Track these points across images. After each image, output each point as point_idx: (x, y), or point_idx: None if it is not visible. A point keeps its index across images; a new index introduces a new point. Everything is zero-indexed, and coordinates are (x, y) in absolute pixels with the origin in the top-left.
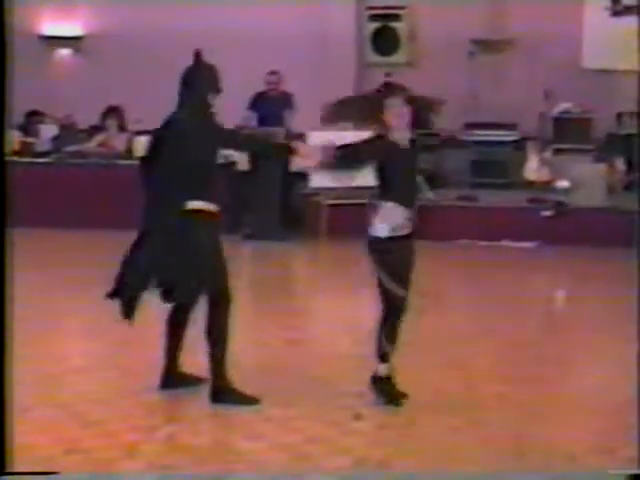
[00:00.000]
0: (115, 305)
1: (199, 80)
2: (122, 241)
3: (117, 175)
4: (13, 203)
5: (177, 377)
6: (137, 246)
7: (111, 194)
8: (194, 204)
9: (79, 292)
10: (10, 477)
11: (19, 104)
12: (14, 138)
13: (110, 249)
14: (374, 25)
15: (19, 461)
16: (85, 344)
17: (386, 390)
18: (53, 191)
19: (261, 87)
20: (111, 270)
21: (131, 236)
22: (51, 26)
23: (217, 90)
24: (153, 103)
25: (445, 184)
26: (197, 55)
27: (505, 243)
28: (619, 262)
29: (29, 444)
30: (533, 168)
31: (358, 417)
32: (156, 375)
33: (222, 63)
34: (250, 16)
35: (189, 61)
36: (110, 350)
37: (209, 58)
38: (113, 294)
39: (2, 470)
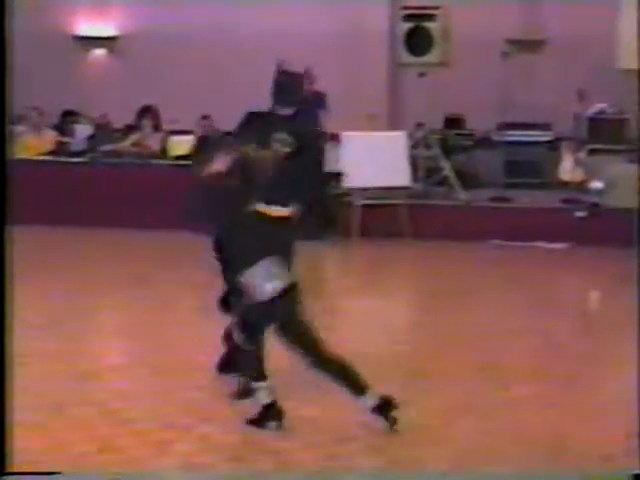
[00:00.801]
0: (149, 303)
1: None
2: (155, 240)
3: (151, 175)
4: (49, 202)
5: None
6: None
7: (145, 194)
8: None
9: (113, 290)
10: (10, 477)
11: (54, 104)
12: (50, 138)
13: (143, 248)
14: (408, 25)
15: (53, 458)
16: (120, 342)
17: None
18: (88, 190)
19: None
20: (144, 269)
21: (164, 235)
22: (86, 27)
23: None
24: (187, 103)
25: (478, 184)
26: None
27: (538, 244)
28: None
29: (64, 441)
30: (567, 169)
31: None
32: (190, 374)
33: (255, 62)
34: (283, 15)
35: (223, 61)
36: (144, 349)
37: (241, 57)
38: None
39: (2, 470)
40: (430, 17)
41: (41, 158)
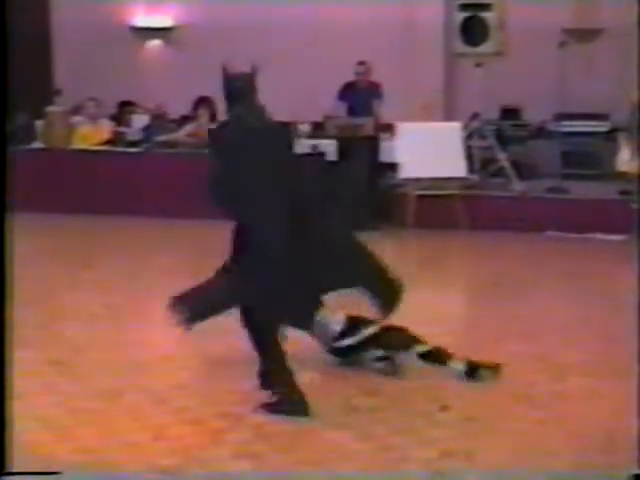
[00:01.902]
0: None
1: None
2: (207, 231)
3: (206, 165)
4: (105, 192)
5: None
6: None
7: (200, 184)
8: None
9: (167, 280)
10: (10, 477)
11: (111, 94)
12: (107, 128)
13: (197, 238)
14: (463, 15)
15: (107, 446)
16: (173, 332)
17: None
18: (143, 180)
19: (350, 77)
20: (198, 259)
21: (216, 226)
22: (142, 18)
23: None
24: None
25: (535, 175)
26: None
27: (595, 236)
28: None
29: (118, 429)
30: (625, 159)
31: (444, 408)
32: (244, 363)
33: (311, 53)
34: (338, 7)
35: (276, 52)
36: (198, 337)
37: (293, 48)
38: None
39: (2, 470)
40: (486, 6)
41: (98, 148)
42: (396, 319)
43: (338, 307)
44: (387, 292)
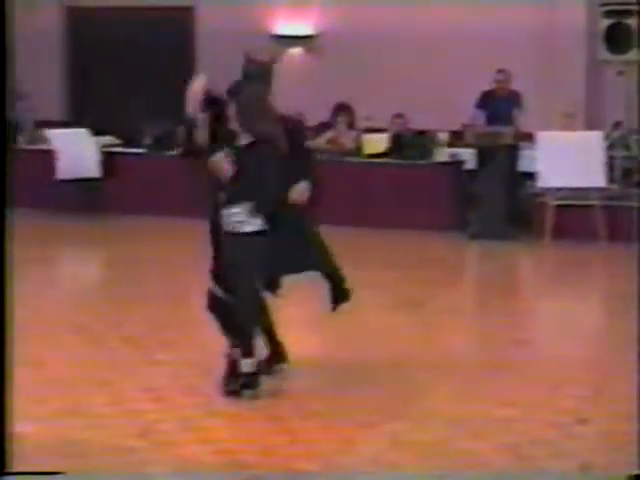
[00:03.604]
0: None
1: None
2: (345, 237)
3: (345, 172)
4: None
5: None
6: None
7: (338, 191)
8: None
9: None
10: (10, 477)
11: None
12: None
13: (335, 245)
14: (608, 21)
15: (245, 448)
16: (305, 337)
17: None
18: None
19: (489, 86)
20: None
21: (354, 232)
22: (283, 25)
23: None
24: (381, 101)
25: None
26: None
27: None
28: None
29: (256, 432)
30: None
31: (582, 421)
32: (374, 371)
33: (448, 62)
34: (477, 14)
35: (416, 60)
36: (330, 344)
37: (434, 57)
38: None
39: (2, 470)
40: (631, 13)
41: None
42: (531, 330)
43: None
44: (341, 287)
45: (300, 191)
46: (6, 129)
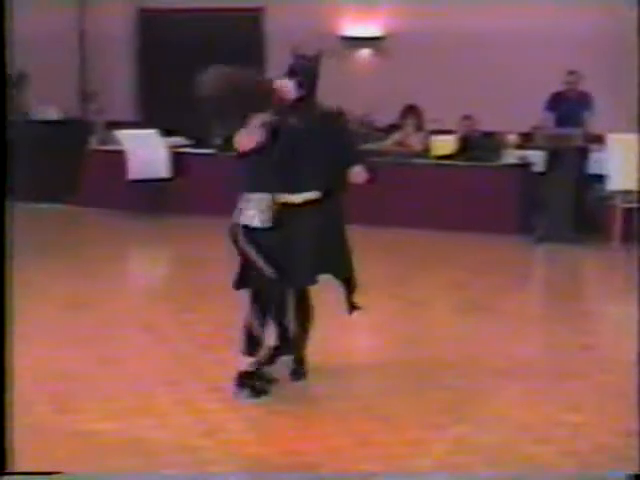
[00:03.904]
0: (404, 302)
1: None
2: (414, 239)
3: (413, 173)
4: None
5: None
6: None
7: (406, 193)
8: None
9: (370, 289)
10: (10, 477)
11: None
12: None
13: (400, 247)
14: None
15: (310, 449)
16: (375, 340)
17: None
18: (350, 189)
19: (559, 87)
20: (402, 268)
21: (423, 234)
22: (352, 27)
23: None
24: (449, 102)
25: None
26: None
27: None
28: None
29: (322, 434)
30: None
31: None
32: (443, 373)
33: (517, 62)
34: (545, 15)
35: (485, 61)
36: (397, 346)
37: (504, 57)
38: None
39: (2, 470)
40: None
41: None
42: (596, 334)
43: None
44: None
45: (357, 173)
46: (5, 129)
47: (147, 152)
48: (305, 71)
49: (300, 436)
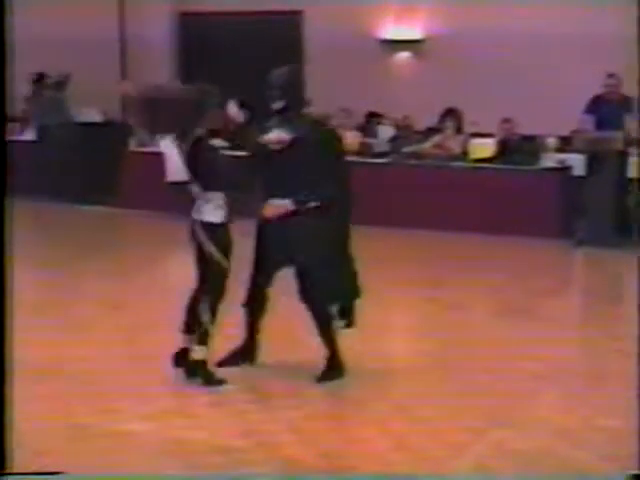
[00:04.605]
0: (442, 304)
1: None
2: (451, 242)
3: (452, 177)
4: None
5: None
6: None
7: (444, 196)
8: None
9: (406, 291)
10: (10, 477)
11: (359, 105)
12: (354, 138)
13: (439, 250)
14: None
15: (349, 452)
16: (412, 343)
17: (203, 374)
18: (389, 191)
19: (598, 90)
20: (439, 270)
21: (460, 238)
22: (392, 30)
23: None
24: (489, 105)
25: None
26: None
27: None
28: None
29: (360, 437)
30: None
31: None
32: (481, 377)
33: (558, 66)
34: (585, 17)
35: (526, 64)
36: (435, 349)
37: (544, 60)
38: None
39: (2, 470)
40: None
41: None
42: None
43: None
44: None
45: (272, 207)
46: (5, 129)
47: None
48: (284, 84)
49: (338, 438)
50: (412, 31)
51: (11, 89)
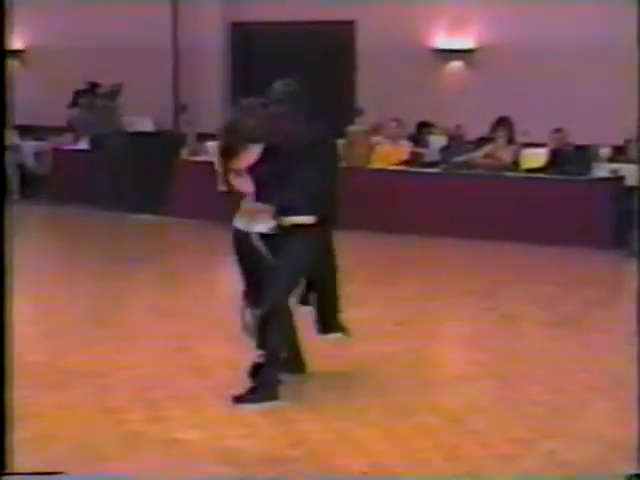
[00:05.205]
0: (494, 315)
1: None
2: (503, 252)
3: (503, 187)
4: (402, 212)
5: None
6: None
7: (496, 206)
8: None
9: (457, 301)
10: (10, 477)
11: (411, 115)
12: (405, 148)
13: (488, 260)
14: None
15: (400, 462)
16: (466, 353)
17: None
18: (440, 201)
19: None
20: (489, 281)
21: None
22: (445, 40)
23: None
24: (541, 115)
25: None
26: None
27: None
28: None
29: (412, 447)
30: None
31: None
32: (532, 388)
33: (610, 75)
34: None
35: (577, 74)
36: (488, 359)
37: (595, 71)
38: None
39: (2, 470)
40: None
41: (396, 168)
42: None
43: None
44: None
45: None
46: (5, 130)
47: None
48: (288, 95)
49: (389, 448)
50: (464, 41)
51: (65, 99)
